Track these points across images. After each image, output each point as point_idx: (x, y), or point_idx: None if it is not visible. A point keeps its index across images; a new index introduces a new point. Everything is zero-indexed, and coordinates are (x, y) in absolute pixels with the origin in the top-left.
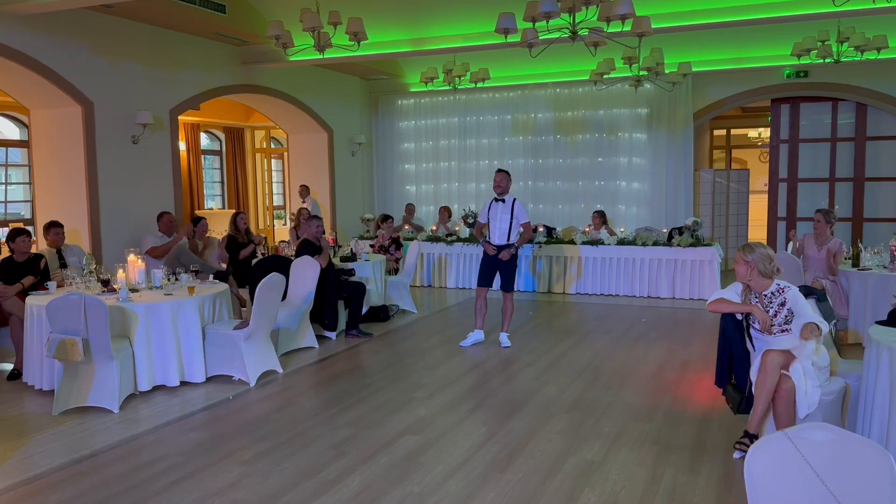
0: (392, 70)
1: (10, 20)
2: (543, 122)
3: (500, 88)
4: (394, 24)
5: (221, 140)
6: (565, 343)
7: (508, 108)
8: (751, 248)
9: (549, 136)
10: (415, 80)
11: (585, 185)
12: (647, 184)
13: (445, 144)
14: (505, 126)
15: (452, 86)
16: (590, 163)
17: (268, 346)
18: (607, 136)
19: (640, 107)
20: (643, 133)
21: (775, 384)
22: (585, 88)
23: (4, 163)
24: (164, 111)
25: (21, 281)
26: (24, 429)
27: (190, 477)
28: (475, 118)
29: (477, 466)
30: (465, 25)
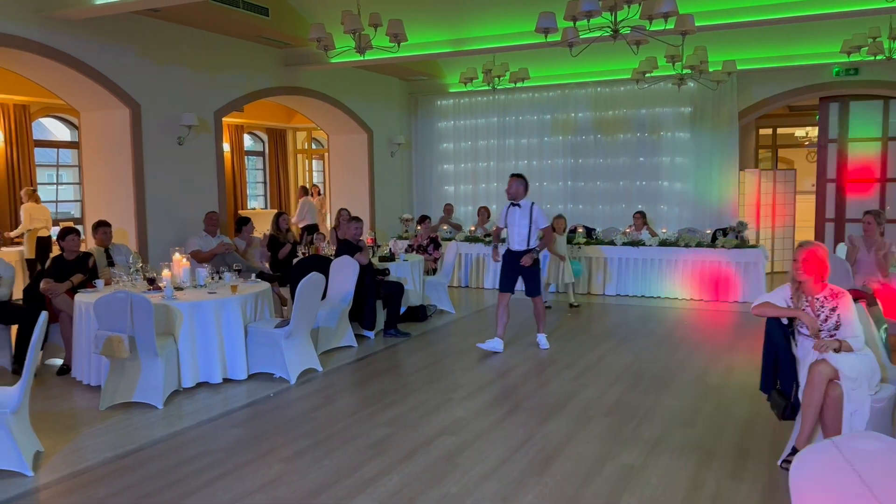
0: (431, 71)
1: (60, 25)
2: (584, 122)
3: (540, 88)
4: (433, 25)
5: (264, 141)
6: (604, 345)
7: (548, 107)
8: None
9: (590, 136)
10: (454, 81)
11: (626, 185)
12: (690, 184)
13: (484, 145)
14: (544, 126)
15: (492, 86)
16: (631, 162)
17: (308, 345)
18: (649, 136)
19: (684, 106)
20: (686, 132)
21: (822, 398)
22: (627, 87)
23: (56, 163)
24: (208, 113)
25: (70, 279)
26: (72, 423)
27: (231, 473)
28: (514, 118)
29: (514, 468)
30: (504, 25)
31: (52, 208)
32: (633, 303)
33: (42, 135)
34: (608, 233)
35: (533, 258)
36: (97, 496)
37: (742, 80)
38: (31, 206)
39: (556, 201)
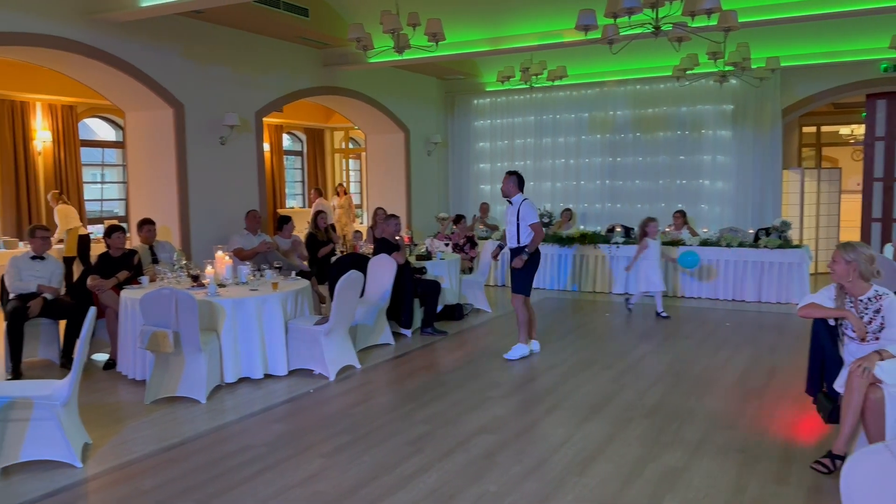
0: (468, 70)
1: (107, 27)
2: (622, 120)
3: (578, 86)
4: (471, 23)
5: (303, 141)
6: (644, 346)
7: (586, 105)
8: (852, 246)
9: (628, 134)
10: (491, 80)
11: (666, 183)
12: (732, 183)
13: (521, 143)
14: (582, 124)
15: (529, 84)
16: (671, 161)
17: (346, 342)
18: (690, 134)
19: (725, 103)
20: (728, 130)
21: (862, 401)
22: (667, 85)
23: (101, 163)
24: (249, 113)
25: (116, 275)
26: (118, 416)
27: (273, 467)
28: (551, 116)
29: (554, 468)
30: (542, 23)
31: (97, 206)
32: (673, 303)
33: (87, 135)
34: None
35: (524, 259)
36: (143, 487)
37: (786, 76)
38: (62, 208)
39: (593, 200)
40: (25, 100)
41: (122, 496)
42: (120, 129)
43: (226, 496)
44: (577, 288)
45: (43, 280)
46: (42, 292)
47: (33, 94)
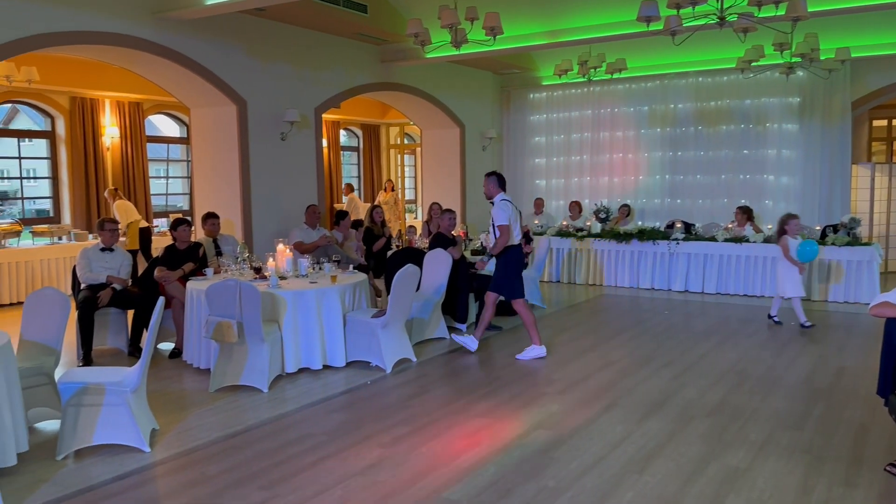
0: (525, 64)
1: (173, 25)
2: (683, 113)
3: (637, 79)
4: (529, 17)
5: (359, 136)
6: (705, 344)
7: (646, 98)
8: None
9: (690, 128)
10: (548, 73)
11: (728, 178)
12: (798, 178)
13: (577, 138)
14: (641, 118)
15: (587, 77)
16: (734, 155)
17: (403, 335)
18: (754, 128)
19: (792, 96)
20: (794, 124)
21: None
22: (731, 77)
23: (166, 158)
24: (309, 109)
25: (182, 267)
26: (183, 404)
27: (333, 456)
28: (609, 110)
29: (613, 465)
30: (601, 15)
31: (162, 201)
32: (736, 301)
33: (153, 131)
34: (709, 228)
35: (484, 262)
36: (209, 473)
37: (856, 68)
38: (120, 203)
39: (652, 195)
40: (95, 97)
41: (188, 481)
42: (184, 125)
43: (288, 483)
44: (635, 285)
45: (112, 271)
46: (111, 283)
47: (102, 91)
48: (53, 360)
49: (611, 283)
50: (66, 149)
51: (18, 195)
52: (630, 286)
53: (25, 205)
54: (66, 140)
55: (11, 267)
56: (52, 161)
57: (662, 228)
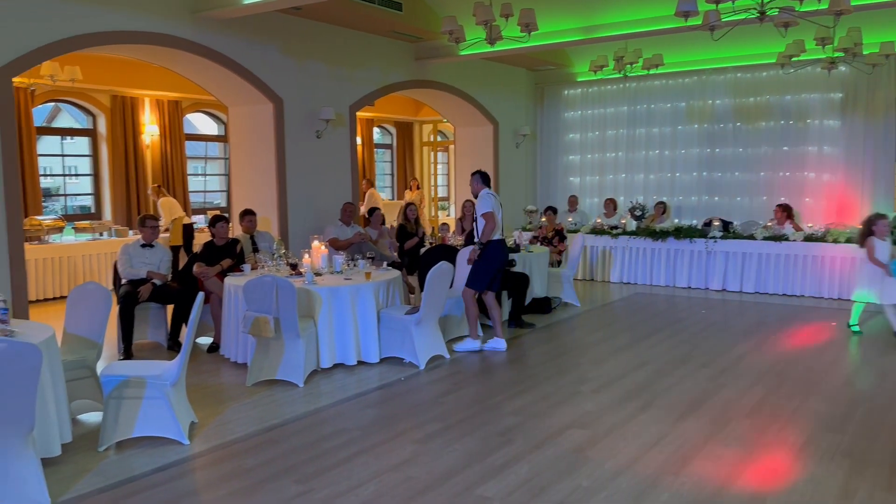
0: (559, 60)
1: (211, 24)
2: (722, 109)
3: (675, 74)
4: (564, 12)
5: (392, 134)
6: (743, 344)
7: (683, 94)
8: None
9: (728, 124)
10: (583, 69)
11: (768, 176)
12: (840, 175)
13: (613, 134)
14: (678, 114)
15: (623, 73)
16: (773, 152)
17: (436, 332)
18: (794, 124)
19: (834, 91)
20: (836, 120)
21: None
22: (770, 72)
23: (204, 156)
24: (344, 107)
25: (220, 262)
26: (221, 397)
27: (368, 451)
28: (646, 106)
29: (648, 466)
30: (638, 10)
31: (200, 198)
32: (775, 301)
33: (190, 129)
34: (747, 226)
35: (476, 252)
36: (246, 466)
37: None
38: (165, 200)
39: (689, 192)
40: (136, 96)
41: (226, 473)
42: (221, 123)
43: (324, 476)
44: (671, 283)
45: (152, 267)
46: (151, 278)
47: (143, 90)
48: (96, 354)
49: (646, 281)
50: (108, 146)
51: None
52: (666, 285)
53: (68, 201)
54: (108, 138)
55: (54, 262)
56: (93, 158)
57: (699, 226)
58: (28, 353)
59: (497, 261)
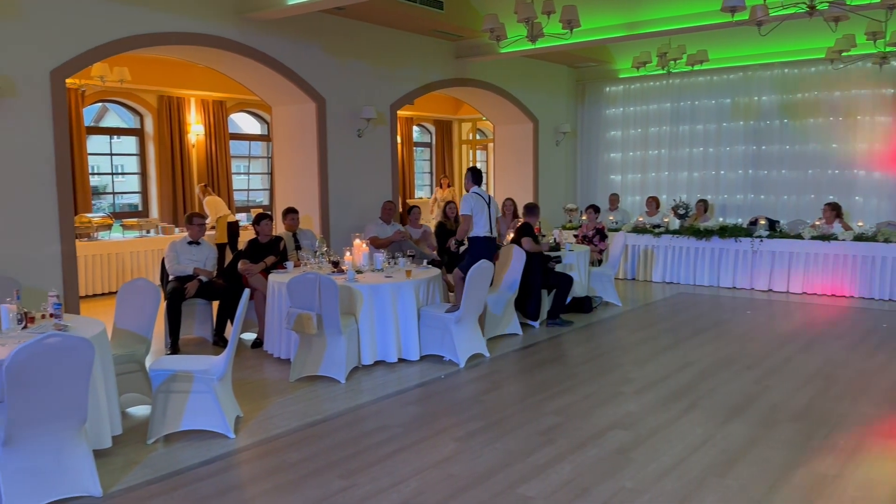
0: (601, 56)
1: (255, 25)
2: (768, 106)
3: (720, 70)
4: (606, 8)
5: (431, 132)
6: (790, 346)
7: (728, 91)
8: None
9: (774, 121)
10: (625, 66)
11: (816, 174)
12: (892, 173)
13: (655, 131)
14: (723, 111)
15: (666, 70)
16: (822, 149)
17: (476, 330)
18: (844, 120)
19: (885, 87)
20: (887, 116)
21: None
22: (819, 68)
23: (247, 155)
24: (384, 106)
25: (264, 259)
26: (265, 392)
27: (409, 448)
28: (689, 103)
29: (693, 468)
30: (683, 6)
31: (243, 196)
32: (823, 302)
33: (234, 129)
34: (794, 225)
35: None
36: (290, 460)
37: None
38: (211, 199)
39: (734, 191)
40: (181, 96)
41: (270, 467)
42: (264, 122)
43: (366, 472)
44: (715, 283)
45: (198, 263)
46: (197, 275)
47: (188, 90)
48: (145, 349)
49: (689, 281)
50: (154, 145)
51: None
52: (710, 285)
53: (116, 199)
54: (154, 137)
55: (103, 258)
56: (140, 157)
57: (745, 225)
58: (81, 347)
59: (481, 257)
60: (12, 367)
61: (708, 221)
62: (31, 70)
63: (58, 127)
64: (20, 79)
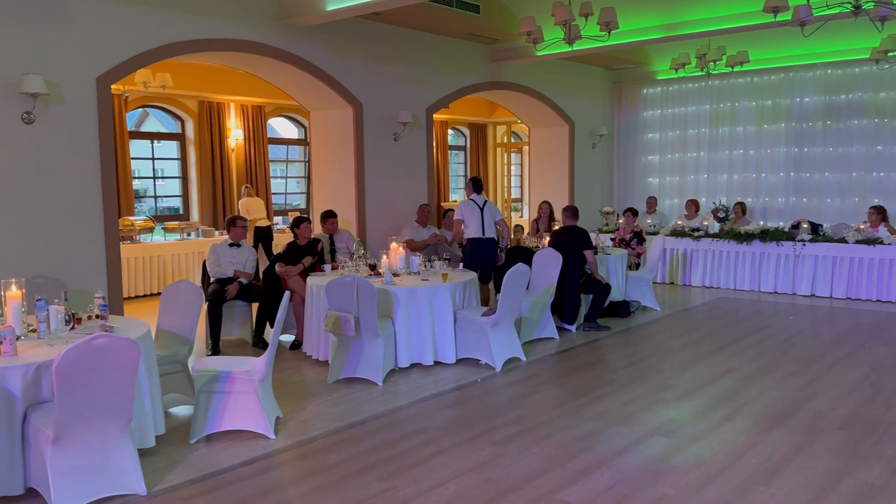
0: (639, 58)
1: (295, 31)
2: (810, 107)
3: (760, 72)
4: (644, 9)
5: (466, 136)
6: (835, 353)
7: (769, 92)
8: None
9: (817, 123)
10: (663, 68)
11: (860, 176)
12: None
13: (694, 133)
14: (764, 112)
15: (706, 71)
16: (866, 152)
17: (512, 334)
18: (889, 122)
19: None
20: None
21: None
22: (864, 68)
23: (285, 159)
24: (420, 110)
25: (302, 261)
26: (303, 393)
27: (447, 451)
28: (729, 105)
29: (736, 476)
30: (723, 6)
31: (281, 199)
32: (868, 307)
33: (272, 133)
34: (838, 229)
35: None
36: (328, 462)
37: None
38: (248, 201)
39: (775, 194)
40: (221, 101)
41: (310, 469)
42: (302, 127)
43: (405, 475)
44: (756, 288)
45: (238, 266)
46: (238, 277)
47: (228, 95)
48: (187, 350)
49: (729, 285)
50: (195, 150)
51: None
52: (750, 289)
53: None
54: (195, 142)
55: (145, 261)
56: (181, 161)
57: (786, 229)
58: (128, 348)
59: (473, 255)
60: (62, 367)
61: (748, 225)
62: (78, 76)
63: (103, 132)
64: (67, 85)
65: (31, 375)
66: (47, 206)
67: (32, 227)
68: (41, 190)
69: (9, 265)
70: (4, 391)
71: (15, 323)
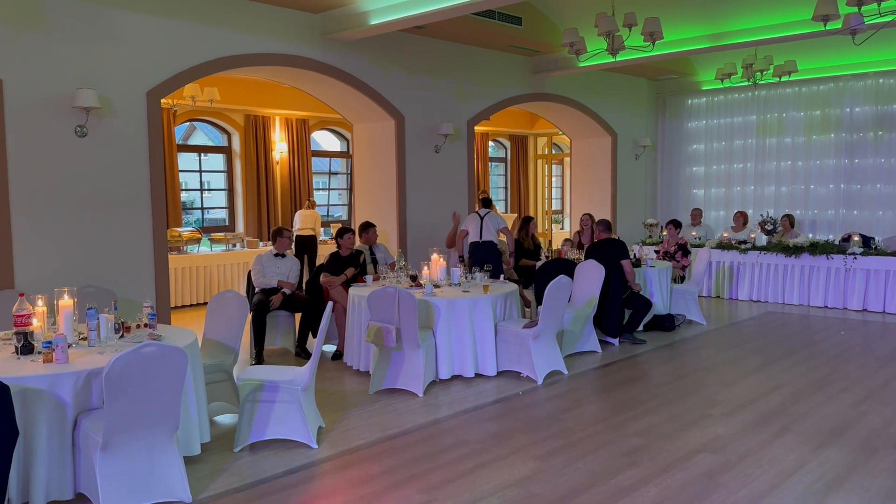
0: (683, 69)
1: (338, 45)
2: (861, 118)
3: (808, 81)
4: (689, 19)
5: (507, 148)
6: (889, 369)
7: (818, 102)
8: None
9: (868, 133)
10: (708, 78)
11: None
12: None
13: (740, 144)
14: (813, 123)
15: (752, 81)
16: None
17: (554, 347)
18: None
19: None
20: None
21: None
22: None
23: (328, 171)
24: (461, 122)
25: (345, 272)
26: (344, 404)
27: (489, 464)
28: (776, 115)
29: (787, 495)
30: (770, 15)
31: (324, 211)
32: None
33: (315, 146)
34: (891, 242)
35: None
36: (371, 472)
37: None
38: (303, 213)
39: (825, 206)
40: (267, 115)
41: (352, 479)
42: (344, 139)
43: (447, 487)
44: (805, 302)
45: (282, 276)
46: (281, 287)
47: (273, 109)
48: (232, 359)
49: (777, 300)
50: (241, 163)
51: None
52: (799, 303)
53: (204, 214)
54: (241, 154)
55: (192, 271)
56: (227, 174)
57: (836, 241)
58: (176, 356)
59: (473, 257)
60: (111, 374)
61: (796, 237)
62: (129, 91)
63: (152, 145)
64: (118, 99)
65: (81, 383)
66: (98, 217)
67: (84, 238)
68: (92, 201)
69: (61, 275)
70: (56, 398)
71: (67, 331)
